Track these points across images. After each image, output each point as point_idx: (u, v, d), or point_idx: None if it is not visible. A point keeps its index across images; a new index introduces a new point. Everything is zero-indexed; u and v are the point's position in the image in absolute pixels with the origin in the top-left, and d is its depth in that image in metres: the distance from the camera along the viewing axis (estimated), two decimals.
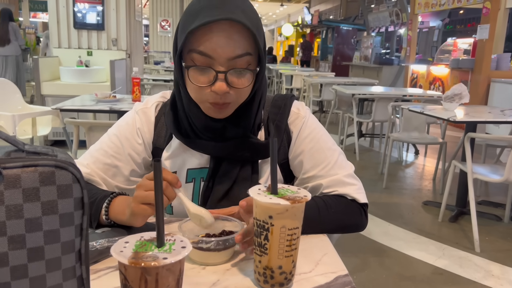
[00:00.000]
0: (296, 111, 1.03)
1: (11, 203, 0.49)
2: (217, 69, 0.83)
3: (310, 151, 0.99)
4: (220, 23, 0.81)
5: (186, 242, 0.59)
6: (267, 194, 0.70)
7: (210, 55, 0.82)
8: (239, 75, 0.85)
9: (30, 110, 3.31)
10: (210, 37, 0.81)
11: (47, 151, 0.55)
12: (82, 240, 0.55)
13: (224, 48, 0.82)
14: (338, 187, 0.97)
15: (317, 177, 0.98)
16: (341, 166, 0.99)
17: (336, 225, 0.95)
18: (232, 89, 0.86)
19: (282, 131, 1.01)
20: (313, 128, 1.02)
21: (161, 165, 0.58)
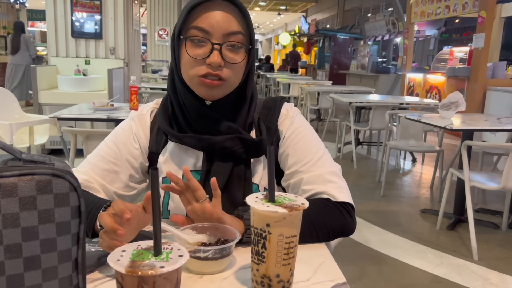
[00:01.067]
0: (285, 112, 1.05)
1: (8, 211, 0.49)
2: (213, 41, 0.89)
3: (294, 147, 1.01)
4: (216, 2, 0.89)
5: (183, 250, 0.59)
6: (265, 202, 0.70)
7: (207, 30, 0.89)
8: (233, 50, 0.91)
9: (28, 119, 3.30)
10: (207, 13, 0.89)
11: (44, 160, 0.55)
12: (79, 249, 0.55)
13: (220, 23, 0.89)
14: (317, 184, 0.96)
15: (299, 172, 0.98)
16: (324, 164, 0.99)
17: (320, 234, 0.91)
18: (226, 64, 0.90)
19: (273, 132, 1.03)
20: (299, 126, 1.03)
21: (158, 173, 0.58)
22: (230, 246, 0.77)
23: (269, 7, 23.75)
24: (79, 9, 4.83)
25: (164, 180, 1.01)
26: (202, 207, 0.83)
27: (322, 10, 20.88)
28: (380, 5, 14.43)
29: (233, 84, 0.94)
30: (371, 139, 5.95)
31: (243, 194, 0.98)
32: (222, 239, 0.81)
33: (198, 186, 0.83)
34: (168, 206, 1.02)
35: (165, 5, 10.54)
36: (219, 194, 0.84)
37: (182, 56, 0.93)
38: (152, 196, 0.57)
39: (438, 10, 8.12)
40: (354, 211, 0.99)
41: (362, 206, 3.61)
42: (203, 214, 0.83)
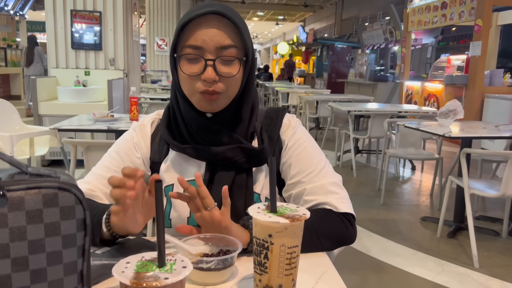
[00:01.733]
0: (288, 122, 1.07)
1: (15, 225, 0.50)
2: (206, 57, 0.90)
3: (296, 157, 1.02)
4: (207, 17, 0.90)
5: (187, 262, 0.60)
6: (267, 212, 0.70)
7: (199, 46, 0.90)
8: (227, 64, 0.92)
9: (28, 130, 3.31)
10: (199, 30, 0.90)
11: (50, 173, 0.56)
12: (84, 261, 0.56)
13: (212, 38, 0.90)
14: (319, 194, 0.98)
15: (301, 183, 1.00)
16: (326, 174, 1.01)
17: (323, 244, 0.93)
18: (221, 78, 0.91)
19: (275, 141, 1.04)
20: (301, 137, 1.05)
21: (162, 186, 0.59)
22: (232, 256, 0.78)
23: (267, 17, 23.94)
24: (78, 21, 4.86)
25: (167, 189, 1.02)
26: (210, 214, 0.83)
27: (320, 20, 21.04)
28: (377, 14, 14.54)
29: (230, 95, 0.95)
30: (370, 147, 5.97)
31: (244, 203, 0.98)
32: (224, 249, 0.82)
33: (207, 194, 0.83)
34: (170, 215, 1.03)
35: (164, 16, 10.62)
36: (229, 203, 0.85)
37: (179, 74, 0.94)
38: (156, 208, 0.58)
39: (434, 19, 8.19)
40: (355, 220, 1.00)
41: (362, 215, 3.61)
42: (212, 222, 0.84)
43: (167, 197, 1.03)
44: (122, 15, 4.91)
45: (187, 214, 1.02)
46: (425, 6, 8.52)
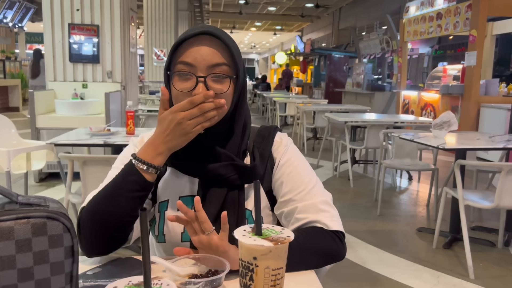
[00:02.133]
0: (279, 140, 1.10)
1: (5, 254, 0.52)
2: (198, 74, 0.94)
3: (288, 175, 1.05)
4: (200, 37, 0.95)
5: (172, 285, 0.62)
6: (252, 235, 0.73)
7: (191, 64, 0.94)
8: (218, 81, 0.95)
9: (25, 145, 3.33)
10: (192, 48, 0.94)
11: (39, 202, 0.58)
12: (72, 287, 0.58)
13: (203, 56, 0.94)
14: (311, 213, 1.00)
15: (293, 201, 1.02)
16: (317, 193, 1.03)
17: (314, 261, 0.96)
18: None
19: (266, 159, 1.06)
20: (293, 155, 1.08)
21: (146, 214, 0.61)
22: (220, 277, 0.79)
23: (265, 27, 24.10)
24: (76, 33, 4.91)
25: (162, 204, 1.05)
26: (209, 239, 0.85)
27: (317, 30, 21.19)
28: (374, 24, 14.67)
29: (222, 112, 0.97)
30: (367, 158, 5.99)
31: (236, 220, 1.00)
32: (212, 270, 0.83)
33: (206, 219, 0.85)
34: (164, 230, 1.05)
35: (162, 27, 10.69)
36: (227, 228, 0.86)
37: (172, 90, 0.97)
38: (141, 235, 0.60)
39: (430, 29, 8.27)
40: (345, 238, 1.02)
41: (359, 226, 3.63)
42: (209, 246, 0.85)
43: (160, 213, 1.05)
44: (119, 28, 4.96)
45: (181, 230, 1.03)
46: (421, 16, 8.61)
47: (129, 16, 5.33)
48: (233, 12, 18.49)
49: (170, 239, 1.04)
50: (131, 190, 0.91)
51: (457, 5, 7.33)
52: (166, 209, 1.05)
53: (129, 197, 0.91)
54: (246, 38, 30.33)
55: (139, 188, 0.91)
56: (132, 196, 0.91)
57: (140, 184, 0.91)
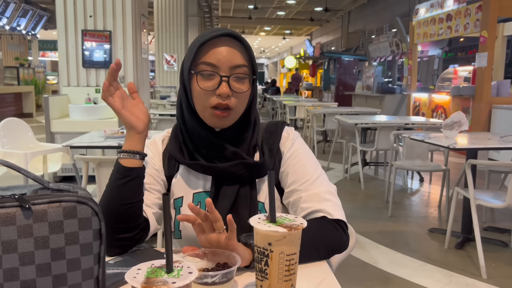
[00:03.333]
0: (286, 135, 1.14)
1: (39, 235, 0.56)
2: (221, 74, 0.99)
3: (293, 166, 1.09)
4: (222, 39, 1.00)
5: (192, 268, 0.65)
6: (266, 222, 0.76)
7: (215, 64, 0.99)
8: (239, 81, 1.01)
9: (41, 148, 3.41)
10: (214, 49, 0.99)
11: (69, 188, 0.62)
12: (99, 268, 0.62)
13: (226, 57, 0.99)
14: (314, 202, 1.03)
15: (297, 190, 1.06)
16: (322, 183, 1.06)
17: (320, 253, 0.98)
18: (233, 94, 1.00)
19: (275, 153, 1.10)
20: (299, 148, 1.12)
21: (169, 198, 0.65)
22: (233, 270, 0.78)
23: (274, 32, 24.19)
24: (89, 39, 5.00)
25: (176, 201, 1.09)
26: (218, 237, 0.86)
27: (327, 33, 21.21)
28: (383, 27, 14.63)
29: (239, 111, 1.04)
30: (377, 160, 5.99)
31: (249, 213, 1.04)
32: (221, 263, 0.83)
33: (219, 218, 0.87)
34: (180, 226, 1.09)
35: (172, 33, 10.81)
36: (235, 228, 0.87)
37: (194, 89, 1.02)
38: (164, 218, 0.64)
39: (440, 31, 8.25)
40: (347, 228, 1.05)
41: (370, 227, 3.63)
42: (218, 244, 0.87)
43: (176, 209, 1.09)
44: (131, 33, 5.04)
45: None
46: (430, 18, 8.59)
47: (140, 21, 5.41)
48: (242, 17, 18.61)
49: (186, 235, 1.08)
50: (116, 179, 0.97)
51: (467, 6, 7.30)
52: (181, 205, 1.09)
53: (115, 186, 0.97)
54: (256, 42, 30.44)
55: (120, 176, 0.97)
56: (118, 184, 0.97)
57: (120, 171, 0.97)
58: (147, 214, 1.05)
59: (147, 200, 1.06)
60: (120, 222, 0.97)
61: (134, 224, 0.99)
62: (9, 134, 3.22)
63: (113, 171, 0.99)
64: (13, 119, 3.36)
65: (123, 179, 0.97)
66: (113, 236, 0.97)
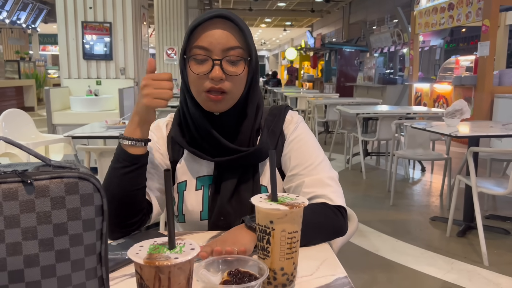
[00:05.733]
0: (290, 118, 1.13)
1: (41, 210, 0.56)
2: (214, 58, 0.97)
3: (296, 151, 1.08)
4: (214, 21, 0.97)
5: (195, 245, 0.66)
6: (268, 201, 0.76)
7: (207, 48, 0.97)
8: (233, 64, 0.98)
9: (43, 139, 3.41)
10: (206, 33, 0.97)
11: (71, 165, 0.62)
12: (102, 244, 0.62)
13: (218, 40, 0.96)
14: (317, 187, 1.03)
15: (300, 175, 1.06)
16: (324, 169, 1.06)
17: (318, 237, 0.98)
18: (227, 77, 0.98)
19: (277, 136, 1.10)
20: (302, 132, 1.11)
21: (170, 174, 0.65)
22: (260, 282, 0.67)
23: (275, 23, 24.08)
24: (89, 32, 4.99)
25: (180, 185, 1.09)
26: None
27: (328, 24, 21.10)
28: (384, 17, 14.56)
29: (236, 95, 1.02)
30: (379, 150, 5.99)
31: (251, 196, 1.04)
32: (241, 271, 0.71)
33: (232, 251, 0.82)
34: (183, 210, 1.09)
35: (172, 25, 10.76)
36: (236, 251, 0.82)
37: (188, 74, 1.01)
38: (166, 195, 0.64)
39: (442, 20, 8.20)
40: (347, 214, 1.05)
41: (371, 216, 3.64)
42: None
43: (179, 193, 1.10)
44: (131, 25, 5.03)
45: (200, 208, 1.08)
46: (432, 8, 8.53)
47: (140, 13, 5.39)
48: (242, 9, 18.52)
49: (190, 218, 1.09)
50: (122, 167, 0.96)
51: None
52: (185, 189, 1.09)
53: (121, 174, 0.96)
54: (256, 35, 30.32)
55: (128, 164, 0.96)
56: (124, 172, 0.96)
57: (126, 160, 0.96)
58: (150, 198, 1.05)
59: (150, 185, 1.06)
60: (124, 208, 0.97)
61: (137, 209, 1.00)
62: (10, 125, 3.23)
63: (117, 158, 0.97)
64: (15, 110, 3.37)
65: (129, 167, 0.96)
66: (116, 220, 0.97)
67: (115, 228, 0.98)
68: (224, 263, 0.73)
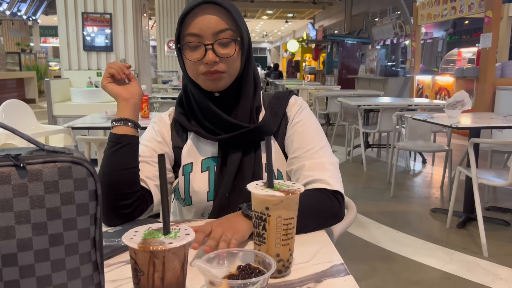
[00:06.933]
0: (294, 101, 1.16)
1: (34, 194, 0.56)
2: (205, 43, 0.99)
3: (299, 134, 1.10)
4: (202, 7, 0.99)
5: (189, 230, 0.65)
6: (264, 187, 0.76)
7: (198, 34, 0.99)
8: (224, 46, 1.01)
9: (43, 129, 3.42)
10: (196, 19, 1.00)
11: (64, 150, 0.62)
12: (96, 229, 0.62)
13: (208, 25, 0.99)
14: (317, 171, 1.04)
15: (301, 158, 1.07)
16: (325, 154, 1.08)
17: (316, 224, 0.98)
18: (221, 59, 1.01)
19: (280, 118, 1.13)
20: (307, 116, 1.13)
21: (165, 159, 0.65)
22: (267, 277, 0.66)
23: (277, 15, 23.93)
24: (90, 24, 4.97)
25: (186, 167, 1.10)
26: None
27: (330, 16, 20.97)
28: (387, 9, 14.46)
29: (233, 73, 1.04)
30: (380, 142, 5.98)
31: (252, 172, 1.07)
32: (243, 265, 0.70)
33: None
34: (190, 192, 1.09)
35: (173, 17, 10.71)
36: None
37: (185, 62, 1.05)
38: (160, 180, 0.64)
39: (444, 11, 8.14)
40: (344, 200, 1.06)
41: (372, 207, 3.64)
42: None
43: (185, 175, 1.10)
44: (132, 16, 5.00)
45: (206, 189, 1.09)
46: None
47: (141, 4, 5.36)
48: (244, 1, 18.41)
49: (197, 200, 1.09)
50: (108, 148, 0.99)
51: None
52: (191, 170, 1.10)
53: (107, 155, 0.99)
54: (258, 26, 30.18)
55: (112, 143, 0.99)
56: (109, 152, 0.98)
57: (111, 139, 0.99)
58: (149, 187, 1.05)
59: (149, 173, 1.07)
60: (115, 188, 0.97)
61: (129, 191, 0.99)
62: (10, 116, 3.23)
63: (108, 142, 1.01)
64: (14, 101, 3.36)
65: (115, 146, 0.98)
66: (110, 204, 0.97)
67: (108, 212, 0.98)
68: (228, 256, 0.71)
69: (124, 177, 0.98)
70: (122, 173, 0.98)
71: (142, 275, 0.62)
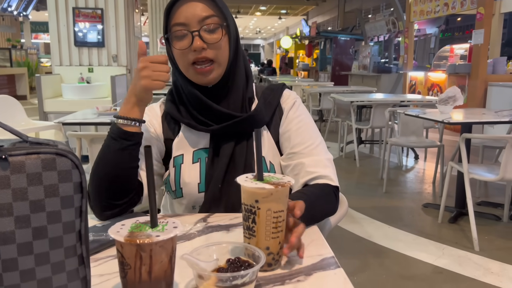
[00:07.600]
0: (288, 94, 1.17)
1: (17, 186, 0.55)
2: (191, 30, 0.99)
3: (297, 130, 1.11)
4: None
5: (178, 223, 0.65)
6: (254, 180, 0.75)
7: (183, 23, 1.00)
8: (211, 32, 1.01)
9: (34, 125, 3.38)
10: (181, 9, 1.00)
11: (48, 142, 0.61)
12: (82, 222, 0.60)
13: (193, 13, 0.99)
14: (320, 167, 1.05)
15: (301, 154, 1.08)
16: (322, 150, 1.10)
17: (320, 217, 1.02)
18: (208, 45, 1.00)
19: (274, 108, 1.13)
20: (302, 113, 1.14)
21: (151, 151, 0.64)
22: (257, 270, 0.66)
23: (270, 12, 23.90)
24: (81, 19, 4.92)
25: (176, 158, 1.09)
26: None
27: (323, 13, 20.97)
28: (380, 6, 14.50)
29: (222, 63, 1.03)
30: (373, 138, 5.99)
31: (244, 161, 1.07)
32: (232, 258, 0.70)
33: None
34: (181, 183, 1.08)
35: None
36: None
37: (173, 52, 1.03)
38: (146, 171, 0.63)
39: (437, 8, 8.16)
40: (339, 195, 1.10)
41: (364, 203, 3.65)
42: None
43: (176, 167, 1.09)
44: (123, 11, 4.96)
45: (197, 180, 1.08)
46: None
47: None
48: None
49: (188, 191, 1.08)
50: (117, 144, 0.96)
51: None
52: (182, 162, 1.09)
53: (115, 150, 0.96)
54: (251, 23, 30.11)
55: (123, 141, 0.96)
56: (119, 148, 0.96)
57: (121, 136, 0.96)
58: (142, 178, 1.04)
59: (142, 165, 1.05)
60: (115, 186, 0.97)
61: (129, 188, 0.99)
62: (0, 112, 3.19)
63: (112, 136, 0.97)
64: (4, 96, 3.32)
65: (125, 143, 0.96)
66: (106, 200, 0.97)
67: (104, 207, 0.98)
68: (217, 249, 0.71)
69: (127, 176, 0.99)
70: (127, 172, 0.98)
71: (129, 268, 0.61)
